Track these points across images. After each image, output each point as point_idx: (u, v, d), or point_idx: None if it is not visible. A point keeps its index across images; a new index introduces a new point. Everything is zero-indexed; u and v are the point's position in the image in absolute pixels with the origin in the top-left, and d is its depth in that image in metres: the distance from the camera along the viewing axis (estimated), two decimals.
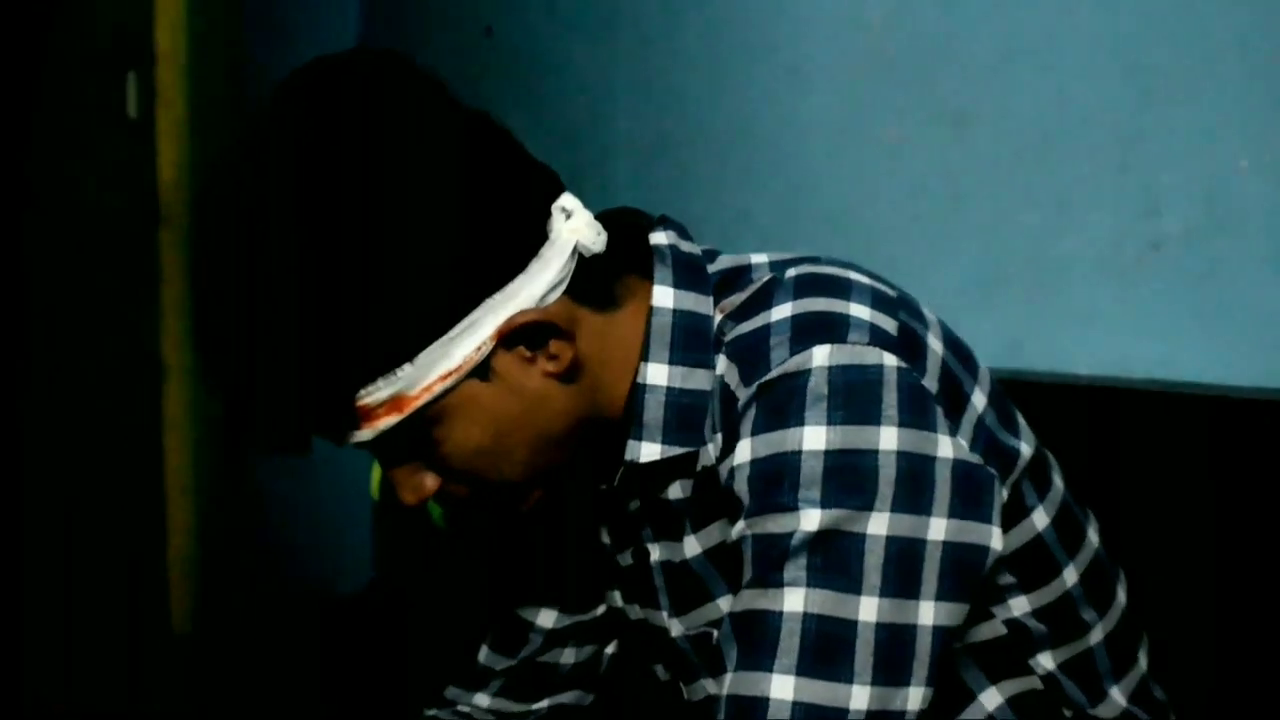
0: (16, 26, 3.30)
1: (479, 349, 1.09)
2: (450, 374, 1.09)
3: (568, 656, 1.39)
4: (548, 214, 1.12)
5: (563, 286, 1.12)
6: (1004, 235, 1.89)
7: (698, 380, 1.15)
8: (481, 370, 1.10)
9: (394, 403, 1.09)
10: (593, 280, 1.14)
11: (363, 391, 1.08)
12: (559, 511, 1.33)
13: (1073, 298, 1.82)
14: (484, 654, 1.41)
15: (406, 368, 1.07)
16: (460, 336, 1.08)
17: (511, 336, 1.10)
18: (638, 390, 1.16)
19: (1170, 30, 1.70)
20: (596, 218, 1.15)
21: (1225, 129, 1.64)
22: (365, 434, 1.10)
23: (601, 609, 1.37)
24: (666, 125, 2.39)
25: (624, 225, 1.18)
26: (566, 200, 1.13)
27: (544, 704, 1.40)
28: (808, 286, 1.12)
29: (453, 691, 1.42)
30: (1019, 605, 1.19)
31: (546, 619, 1.38)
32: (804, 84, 2.13)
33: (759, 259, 1.20)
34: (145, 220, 3.21)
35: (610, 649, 1.41)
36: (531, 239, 1.11)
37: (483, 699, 1.41)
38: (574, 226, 1.12)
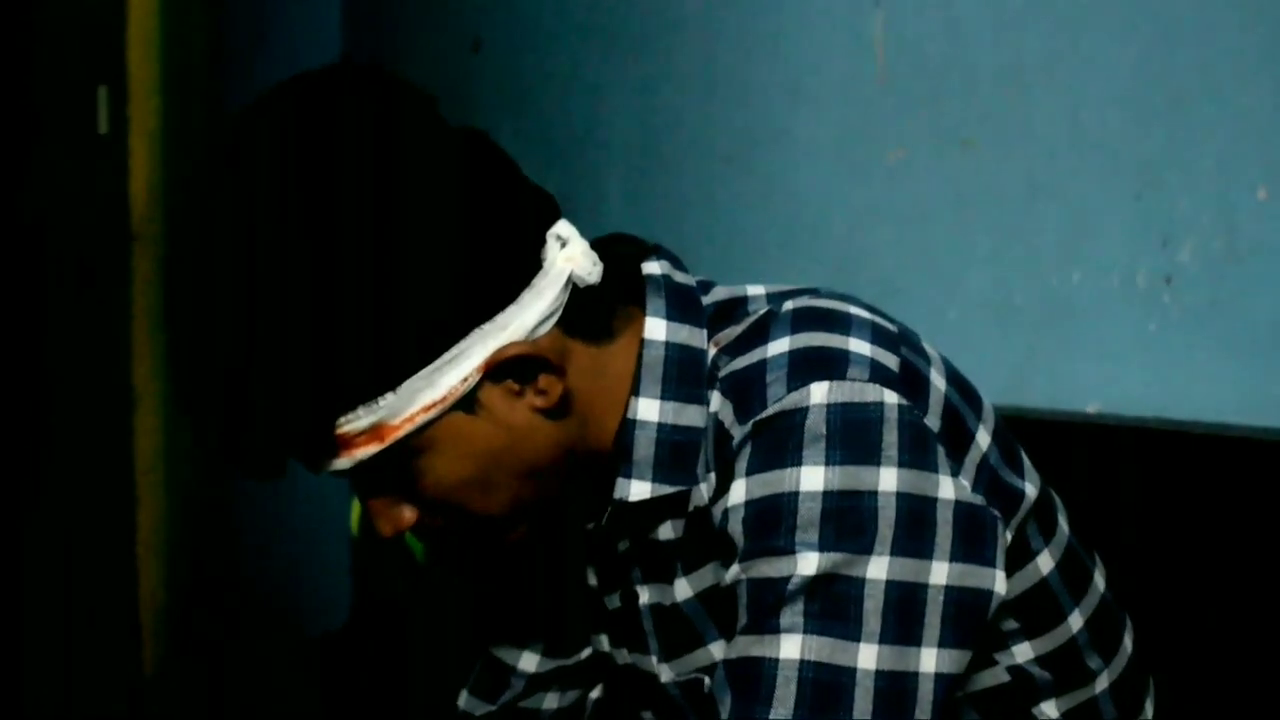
0: None
1: (465, 380, 1.09)
2: (434, 405, 1.09)
3: (550, 702, 1.39)
4: (543, 241, 1.13)
5: (555, 318, 1.13)
6: (1011, 264, 1.90)
7: (690, 417, 1.16)
8: (467, 402, 1.10)
9: (374, 432, 1.09)
10: (586, 311, 1.15)
11: (342, 419, 1.08)
12: (544, 551, 1.34)
13: (1082, 331, 1.82)
14: (463, 699, 1.41)
15: (389, 396, 1.08)
16: (446, 367, 1.09)
17: (499, 369, 1.10)
18: (628, 426, 1.16)
19: (1188, 52, 1.70)
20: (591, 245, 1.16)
21: (1244, 156, 1.64)
22: (343, 462, 1.11)
23: (587, 653, 1.37)
24: (661, 144, 2.44)
25: (617, 254, 1.19)
26: (562, 228, 1.14)
27: None
28: (805, 320, 1.13)
29: None
30: (1022, 652, 1.19)
31: (529, 663, 1.37)
32: (804, 103, 2.15)
33: (755, 290, 1.22)
34: (116, 238, 3.25)
35: (595, 694, 1.41)
36: (525, 268, 1.12)
37: None
38: (569, 255, 1.13)
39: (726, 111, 2.32)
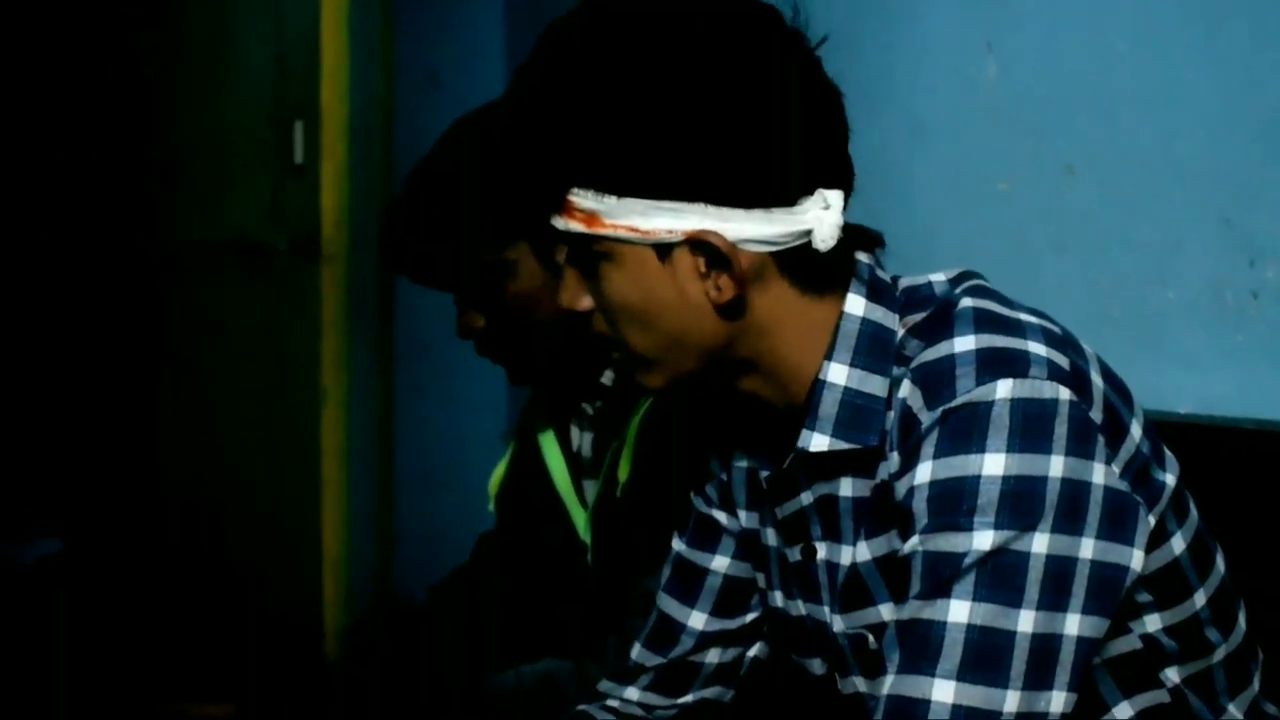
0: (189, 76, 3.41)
1: (670, 232, 1.11)
2: (637, 230, 1.11)
3: (713, 656, 1.39)
4: (810, 192, 1.13)
5: (770, 248, 1.13)
6: (1107, 281, 1.88)
7: (874, 385, 1.16)
8: (663, 249, 1.12)
9: (589, 216, 1.12)
10: (806, 263, 1.15)
11: (576, 189, 1.12)
12: (713, 519, 1.36)
13: (1173, 342, 1.80)
14: (637, 651, 1.41)
15: (611, 199, 1.10)
16: (665, 212, 1.10)
17: (699, 245, 1.11)
18: (818, 386, 1.17)
19: (1272, 87, 1.67)
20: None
21: None
22: (558, 222, 1.14)
23: (750, 617, 1.38)
24: None
25: (845, 237, 1.19)
26: (834, 197, 1.13)
27: (689, 698, 1.40)
28: (986, 323, 1.12)
29: (605, 685, 1.43)
30: (1153, 622, 1.18)
31: (698, 621, 1.38)
32: (923, 137, 2.13)
33: (934, 277, 1.22)
34: (307, 257, 3.32)
35: (752, 652, 1.41)
36: (778, 197, 1.12)
37: (633, 693, 1.41)
38: (820, 217, 1.12)
39: (854, 146, 2.24)
